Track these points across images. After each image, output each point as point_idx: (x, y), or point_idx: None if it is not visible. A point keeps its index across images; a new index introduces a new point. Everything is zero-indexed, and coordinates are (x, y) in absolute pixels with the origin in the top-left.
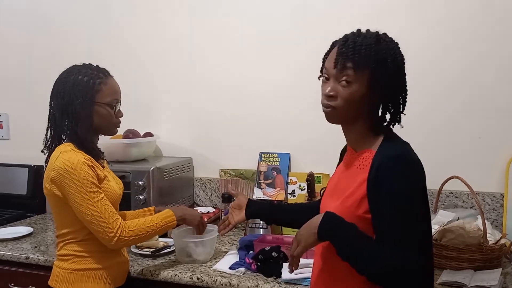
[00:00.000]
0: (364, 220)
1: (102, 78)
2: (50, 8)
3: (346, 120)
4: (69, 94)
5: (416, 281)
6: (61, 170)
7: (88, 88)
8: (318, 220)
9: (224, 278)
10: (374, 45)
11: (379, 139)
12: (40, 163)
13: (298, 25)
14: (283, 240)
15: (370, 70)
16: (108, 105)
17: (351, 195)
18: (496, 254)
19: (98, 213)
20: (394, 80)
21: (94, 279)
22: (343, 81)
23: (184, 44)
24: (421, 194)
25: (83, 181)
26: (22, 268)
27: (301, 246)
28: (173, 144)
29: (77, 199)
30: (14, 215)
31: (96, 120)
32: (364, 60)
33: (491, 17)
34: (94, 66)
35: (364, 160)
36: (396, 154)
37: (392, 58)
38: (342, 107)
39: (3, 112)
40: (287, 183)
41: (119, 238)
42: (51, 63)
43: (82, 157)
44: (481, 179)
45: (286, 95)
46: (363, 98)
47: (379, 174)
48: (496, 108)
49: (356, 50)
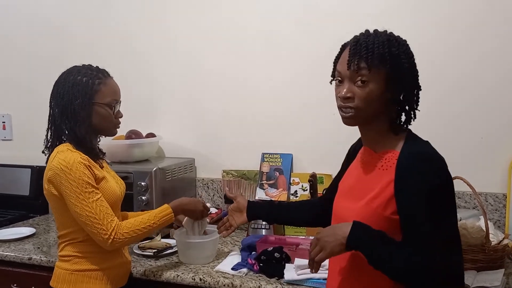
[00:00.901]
0: (391, 221)
1: (101, 79)
2: (52, 9)
3: (365, 121)
4: (68, 94)
5: (450, 280)
6: (57, 169)
7: (87, 89)
8: (347, 230)
9: (226, 278)
10: (387, 43)
11: (401, 139)
12: (43, 164)
13: (302, 25)
14: (285, 240)
15: (386, 68)
16: (107, 106)
17: (377, 196)
18: (499, 254)
19: (93, 214)
20: (410, 76)
21: (95, 280)
22: (358, 81)
23: (187, 45)
24: (452, 191)
25: (79, 181)
26: (24, 269)
27: (325, 253)
28: (175, 144)
29: (72, 199)
30: (16, 216)
31: (95, 120)
32: (379, 58)
33: (494, 18)
34: (94, 67)
35: (388, 161)
36: (424, 152)
37: (405, 54)
38: (361, 107)
39: (5, 113)
40: (290, 184)
41: (113, 240)
42: (54, 64)
43: (78, 156)
44: (483, 179)
45: (288, 96)
46: (381, 96)
47: (409, 174)
48: (499, 109)
49: (370, 49)
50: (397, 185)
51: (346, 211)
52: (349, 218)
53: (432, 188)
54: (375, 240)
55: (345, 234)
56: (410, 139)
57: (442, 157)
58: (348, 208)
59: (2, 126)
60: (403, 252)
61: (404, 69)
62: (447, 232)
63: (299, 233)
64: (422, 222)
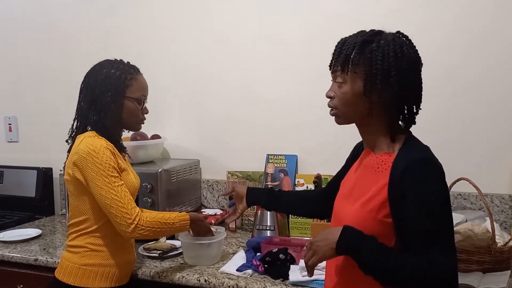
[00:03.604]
0: (385, 224)
1: (132, 74)
2: (57, 13)
3: (351, 120)
4: (100, 86)
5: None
6: (84, 153)
7: (119, 82)
8: (337, 235)
9: (231, 280)
10: (360, 45)
11: (399, 142)
12: (49, 166)
13: (306, 27)
14: (290, 242)
15: (359, 70)
16: (137, 101)
17: (371, 199)
18: (505, 256)
19: (118, 198)
20: (390, 80)
21: (101, 277)
22: (337, 82)
23: (192, 47)
24: (447, 198)
25: (105, 165)
26: (31, 270)
27: (317, 257)
28: (180, 146)
29: (98, 182)
30: (23, 217)
31: (124, 114)
32: (345, 60)
33: (503, 19)
34: (126, 62)
35: (384, 163)
36: (421, 157)
37: (382, 57)
38: (338, 107)
39: (12, 115)
40: (294, 185)
41: (136, 226)
42: (59, 67)
43: (105, 143)
44: (489, 180)
45: (293, 97)
46: (359, 98)
47: (404, 178)
48: (505, 110)
49: (343, 51)
50: (391, 189)
51: (343, 212)
52: (345, 219)
53: (426, 194)
54: (364, 247)
55: (335, 239)
56: (408, 142)
57: (439, 163)
58: (345, 209)
59: (8, 128)
60: (392, 259)
61: (380, 73)
62: (441, 239)
63: (304, 234)
64: (416, 229)
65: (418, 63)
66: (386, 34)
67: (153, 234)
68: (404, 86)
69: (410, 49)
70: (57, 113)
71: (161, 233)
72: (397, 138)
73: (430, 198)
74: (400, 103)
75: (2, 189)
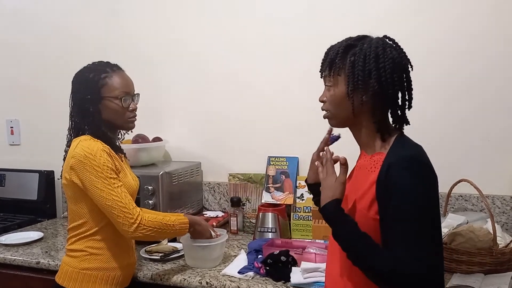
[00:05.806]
0: (376, 222)
1: (108, 73)
2: (60, 15)
3: (342, 122)
4: (79, 92)
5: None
6: (81, 157)
7: (93, 84)
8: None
9: (233, 282)
10: (343, 49)
11: (390, 142)
12: (51, 168)
13: (308, 29)
14: (292, 244)
15: (342, 73)
16: (117, 99)
17: (362, 197)
18: (507, 257)
19: (119, 199)
20: (370, 81)
21: (101, 281)
22: (327, 85)
23: (193, 48)
24: (433, 197)
25: (103, 167)
26: (32, 273)
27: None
28: (182, 148)
29: (97, 184)
30: (25, 220)
31: (106, 114)
32: (330, 65)
33: (501, 21)
34: (104, 62)
35: (376, 163)
36: (407, 154)
37: (363, 59)
38: (330, 110)
39: (14, 118)
40: (296, 187)
41: (138, 225)
42: (61, 70)
43: (101, 145)
44: (490, 182)
45: (294, 99)
46: (343, 99)
47: (390, 174)
48: (506, 111)
49: (328, 56)
50: (378, 186)
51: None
52: None
53: (405, 192)
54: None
55: (326, 200)
56: (399, 141)
57: (428, 162)
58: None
59: (10, 131)
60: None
61: (361, 71)
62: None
63: (306, 236)
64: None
65: (402, 64)
66: (371, 38)
67: (154, 234)
68: (385, 87)
69: (394, 50)
70: (59, 116)
71: (162, 234)
72: (388, 138)
73: (408, 197)
74: (384, 103)
75: (4, 192)
